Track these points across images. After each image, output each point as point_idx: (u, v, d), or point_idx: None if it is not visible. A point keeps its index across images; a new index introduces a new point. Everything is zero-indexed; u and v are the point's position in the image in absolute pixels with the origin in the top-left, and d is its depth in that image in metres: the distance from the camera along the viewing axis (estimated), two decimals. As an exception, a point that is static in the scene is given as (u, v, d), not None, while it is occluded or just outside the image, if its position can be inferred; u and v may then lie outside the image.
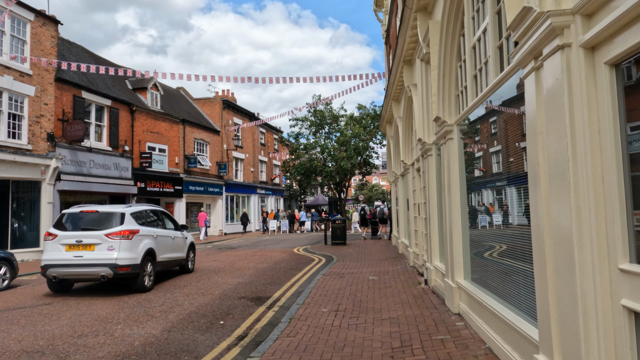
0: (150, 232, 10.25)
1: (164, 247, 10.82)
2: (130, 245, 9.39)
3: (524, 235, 4.06)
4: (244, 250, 19.49)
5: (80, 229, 9.45)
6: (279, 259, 15.56)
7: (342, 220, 19.98)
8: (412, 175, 11.87)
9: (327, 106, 35.60)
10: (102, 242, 9.18)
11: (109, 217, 9.61)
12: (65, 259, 9.11)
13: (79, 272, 9.18)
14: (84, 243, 9.19)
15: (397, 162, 15.88)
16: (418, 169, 10.63)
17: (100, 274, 9.09)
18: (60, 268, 9.11)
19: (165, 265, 11.03)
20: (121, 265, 9.11)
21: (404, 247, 14.34)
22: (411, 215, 11.96)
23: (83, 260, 9.08)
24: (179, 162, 26.77)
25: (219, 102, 32.55)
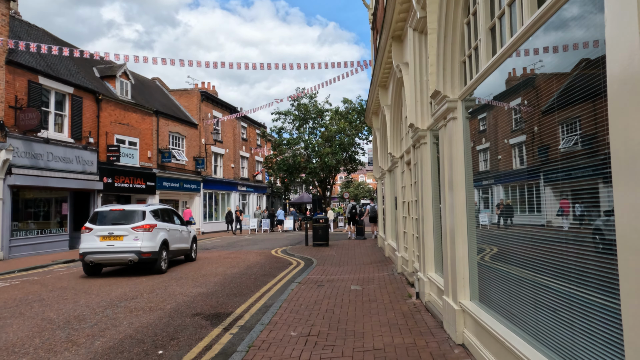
0: (164, 226, 12.51)
1: (174, 239, 13.13)
2: (151, 236, 11.66)
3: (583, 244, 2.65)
4: (217, 251, 17.94)
5: (110, 223, 11.63)
6: (253, 262, 14.06)
7: (325, 220, 18.55)
8: (400, 169, 10.48)
9: (311, 100, 34.12)
10: (129, 234, 11.41)
11: (133, 214, 11.85)
12: (100, 247, 11.29)
13: (111, 257, 11.38)
14: (115, 234, 11.41)
15: (384, 156, 14.51)
16: (408, 161, 9.24)
17: (128, 259, 11.33)
18: (96, 254, 11.29)
19: (175, 253, 13.33)
20: (144, 252, 11.38)
21: (391, 250, 12.97)
22: (399, 215, 10.57)
23: (114, 248, 11.29)
24: (152, 156, 25.06)
25: (197, 94, 30.83)
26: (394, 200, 11.65)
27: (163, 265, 12.05)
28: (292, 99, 27.82)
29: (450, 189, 5.10)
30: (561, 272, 2.90)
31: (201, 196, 30.22)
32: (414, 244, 8.53)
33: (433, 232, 6.79)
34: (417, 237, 7.95)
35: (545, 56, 3.10)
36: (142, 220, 11.71)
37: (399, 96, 10.14)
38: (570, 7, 2.66)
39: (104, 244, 11.33)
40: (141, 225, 11.55)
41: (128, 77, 23.89)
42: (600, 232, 2.47)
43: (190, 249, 14.58)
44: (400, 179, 10.50)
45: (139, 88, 27.00)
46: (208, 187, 31.30)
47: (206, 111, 31.74)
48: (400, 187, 10.48)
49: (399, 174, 10.57)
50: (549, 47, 3.04)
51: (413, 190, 8.66)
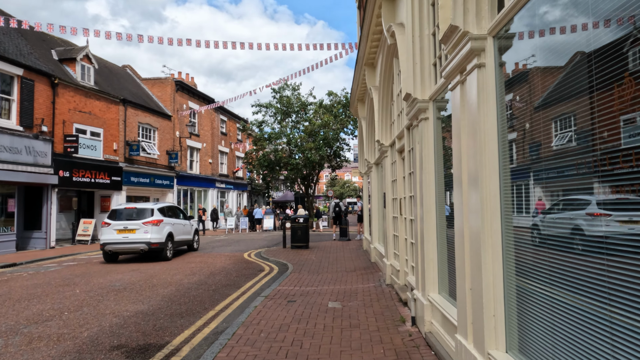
0: (169, 221, 14.47)
1: (178, 231, 15.12)
2: (158, 229, 13.66)
3: None
4: (183, 255, 16.00)
5: (125, 219, 13.69)
6: (219, 268, 12.19)
7: (304, 219, 16.74)
8: (390, 159, 8.72)
9: (294, 92, 32.22)
10: (140, 228, 13.43)
11: (144, 211, 13.96)
12: (117, 239, 13.38)
13: (126, 247, 13.48)
14: (129, 228, 13.44)
15: (371, 147, 12.75)
16: (401, 148, 7.48)
17: (140, 248, 13.41)
18: (114, 245, 13.42)
19: (179, 244, 15.36)
20: (153, 243, 13.40)
21: (378, 255, 11.22)
22: (388, 214, 8.81)
23: (128, 239, 13.33)
24: (119, 148, 22.95)
25: (171, 84, 28.72)
26: (383, 197, 9.88)
27: (169, 254, 14.15)
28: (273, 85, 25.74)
29: (474, 182, 3.33)
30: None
31: (175, 193, 28.16)
32: (408, 251, 6.78)
33: (437, 238, 5.03)
34: (413, 242, 6.20)
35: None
36: (151, 216, 13.82)
37: (389, 71, 8.37)
38: None
39: (120, 236, 13.48)
40: (150, 221, 13.65)
41: (91, 60, 21.73)
42: None
43: (192, 240, 16.91)
44: (389, 171, 8.74)
45: (105, 74, 24.84)
46: (183, 184, 29.24)
47: (181, 102, 29.66)
48: (390, 181, 8.72)
49: (388, 166, 8.81)
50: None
51: (407, 184, 6.90)
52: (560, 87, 2.50)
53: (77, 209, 21.70)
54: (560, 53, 2.48)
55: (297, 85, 32.32)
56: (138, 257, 14.71)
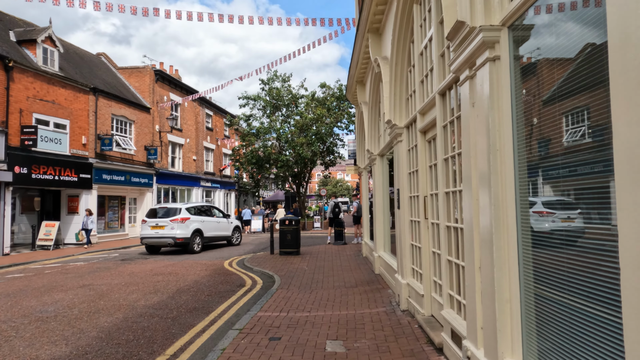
0: (198, 219, 16.38)
1: (210, 228, 16.97)
2: (184, 226, 15.72)
3: None
4: (154, 262, 13.77)
5: (157, 217, 16.07)
6: (190, 282, 10.00)
7: (294, 221, 14.58)
8: (407, 144, 6.60)
9: (284, 84, 30.02)
10: (167, 225, 15.68)
11: (173, 210, 16.20)
12: (151, 234, 15.83)
13: (157, 241, 15.84)
14: (159, 225, 15.76)
15: (374, 136, 10.63)
16: (427, 127, 5.38)
17: (167, 242, 15.69)
18: (148, 239, 15.96)
19: (211, 239, 17.21)
20: (178, 238, 15.57)
21: (385, 267, 9.10)
22: (403, 217, 6.68)
23: (159, 234, 15.67)
24: (88, 143, 20.61)
25: (150, 73, 26.39)
26: (396, 194, 7.74)
27: (196, 247, 16.00)
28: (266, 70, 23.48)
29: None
30: None
31: (154, 192, 25.85)
32: (444, 271, 4.66)
33: (519, 265, 2.91)
34: (462, 265, 4.09)
35: None
36: (178, 214, 15.79)
37: (407, 25, 6.24)
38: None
39: (153, 231, 15.64)
40: (176, 218, 15.64)
41: (55, 43, 19.37)
42: None
43: (231, 236, 18.70)
44: (405, 160, 6.62)
45: (75, 61, 22.48)
46: (163, 182, 26.92)
47: (162, 94, 27.33)
48: (406, 173, 6.60)
49: (402, 154, 6.68)
50: None
51: (439, 175, 4.79)
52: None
53: (40, 210, 19.35)
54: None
55: (287, 76, 30.16)
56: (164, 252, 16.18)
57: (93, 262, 13.99)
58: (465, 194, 3.64)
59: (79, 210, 20.28)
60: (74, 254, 16.48)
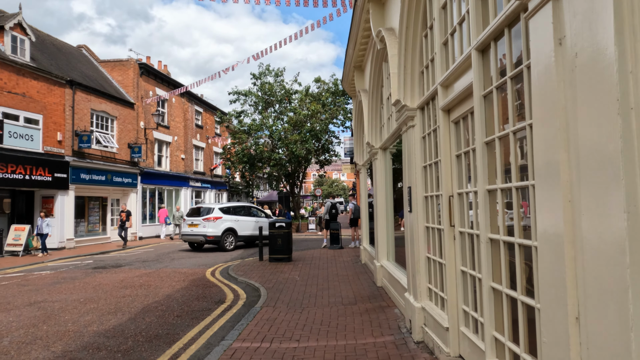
0: (231, 218, 17.27)
1: (245, 227, 17.69)
2: (214, 225, 16.66)
3: None
4: (129, 270, 12.30)
5: (193, 215, 17.25)
6: (161, 297, 8.55)
7: (286, 225, 13.16)
8: (421, 130, 5.19)
9: (277, 78, 28.57)
10: (200, 223, 16.70)
11: (206, 210, 17.25)
12: (188, 231, 16.98)
13: (192, 238, 16.88)
14: (194, 223, 16.84)
15: (376, 126, 9.21)
16: (450, 105, 4.00)
17: (199, 239, 16.66)
18: (186, 236, 17.12)
19: (248, 238, 17.88)
20: (209, 235, 16.51)
21: (390, 281, 7.67)
22: (417, 223, 5.27)
23: (193, 232, 16.73)
24: (64, 139, 19.09)
25: (134, 66, 24.85)
26: (405, 194, 6.33)
27: (228, 246, 16.78)
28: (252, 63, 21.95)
29: None
30: None
31: (139, 193, 24.32)
32: (489, 307, 3.24)
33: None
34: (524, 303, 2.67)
35: None
36: (210, 214, 16.71)
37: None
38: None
39: (189, 229, 16.80)
40: (208, 217, 16.57)
41: (26, 32, 17.84)
42: None
43: None
44: (419, 150, 5.21)
45: (51, 52, 20.95)
46: (149, 182, 25.40)
47: (147, 88, 25.81)
48: (420, 166, 5.20)
49: (416, 142, 5.27)
50: None
51: (479, 165, 3.38)
52: None
53: (10, 212, 17.83)
54: None
55: (280, 70, 28.72)
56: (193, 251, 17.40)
57: (61, 271, 12.51)
58: (542, 192, 2.23)
59: (54, 212, 18.76)
60: (44, 261, 14.98)
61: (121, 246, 19.27)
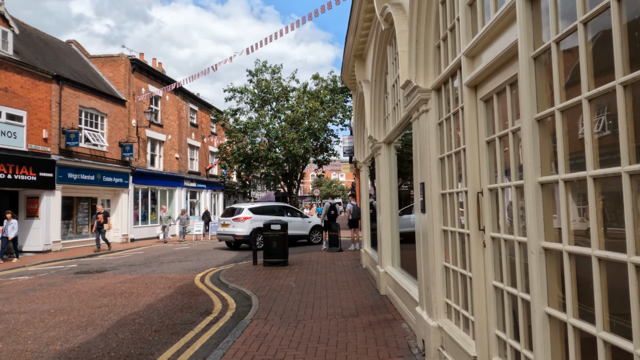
0: (262, 218, 16.73)
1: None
2: (243, 224, 17.20)
3: None
4: (113, 275, 11.45)
5: (227, 216, 18.06)
6: (141, 308, 7.71)
7: (281, 227, 12.33)
8: (438, 115, 4.37)
9: (274, 75, 27.75)
10: (230, 223, 17.39)
11: (237, 210, 17.90)
12: (220, 231, 18.04)
13: (223, 237, 17.79)
14: (225, 223, 17.67)
15: (378, 121, 8.38)
16: (477, 80, 3.14)
17: (229, 239, 17.52)
18: (219, 235, 18.21)
19: None
20: (237, 235, 17.17)
21: (395, 287, 6.83)
22: (432, 226, 4.44)
23: (224, 231, 17.55)
24: (50, 137, 18.23)
25: (125, 62, 23.99)
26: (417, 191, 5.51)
27: (258, 244, 15.60)
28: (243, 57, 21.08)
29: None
30: None
31: (130, 193, 23.45)
32: (542, 339, 2.39)
33: None
34: (621, 348, 1.82)
35: None
36: (240, 214, 17.39)
37: None
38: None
39: (222, 229, 17.82)
40: (238, 217, 17.29)
41: (8, 23, 17.00)
42: None
43: (309, 235, 19.08)
44: (435, 138, 4.40)
45: (37, 46, 20.10)
46: (141, 182, 24.54)
47: (139, 85, 24.96)
48: (435, 158, 4.39)
49: (430, 130, 4.45)
50: None
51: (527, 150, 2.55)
52: None
53: (-8, 213, 16.95)
54: None
55: (277, 67, 27.90)
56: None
57: (40, 277, 11.66)
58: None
59: (39, 213, 17.91)
60: (25, 265, 14.11)
61: (106, 249, 18.54)
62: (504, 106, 3.02)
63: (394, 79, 6.93)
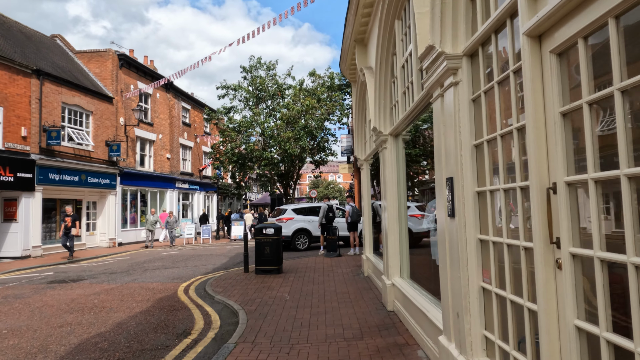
0: (305, 219, 17.47)
1: (317, 228, 16.47)
2: (285, 225, 16.66)
3: None
4: (89, 286, 10.34)
5: (274, 217, 18.16)
6: (109, 327, 6.62)
7: (276, 230, 11.28)
8: (471, 89, 3.32)
9: (269, 72, 26.68)
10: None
11: (282, 211, 17.99)
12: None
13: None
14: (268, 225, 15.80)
15: (383, 111, 7.32)
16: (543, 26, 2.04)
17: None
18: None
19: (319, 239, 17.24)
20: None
21: (405, 303, 5.77)
22: (460, 233, 3.39)
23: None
24: (29, 135, 17.12)
25: (113, 58, 22.87)
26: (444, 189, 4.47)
27: (300, 246, 17.24)
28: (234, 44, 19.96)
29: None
30: None
31: (118, 195, 22.32)
32: None
33: None
34: None
35: None
36: (283, 214, 17.63)
37: None
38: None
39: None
40: (281, 218, 17.35)
41: (-17, 13, 15.89)
42: None
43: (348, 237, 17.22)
44: (467, 119, 3.34)
45: (17, 39, 18.99)
46: (129, 183, 23.41)
47: (127, 82, 23.85)
48: (469, 145, 3.34)
49: (461, 109, 3.41)
50: None
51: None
52: None
53: (-35, 217, 15.82)
54: None
55: (272, 64, 26.84)
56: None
57: (8, 287, 10.55)
58: None
59: (17, 216, 16.78)
60: (-3, 273, 13.00)
61: (71, 257, 15.91)
62: (595, 61, 1.98)
63: (404, 59, 5.89)
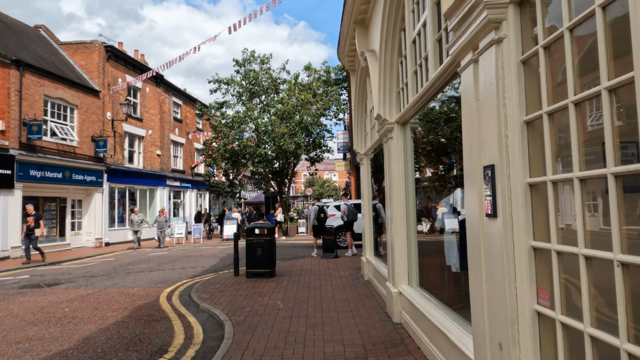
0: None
1: (359, 225, 15.02)
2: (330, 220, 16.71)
3: None
4: (63, 291, 9.45)
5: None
6: (74, 344, 5.74)
7: (268, 230, 10.43)
8: (520, 48, 2.48)
9: (263, 65, 25.79)
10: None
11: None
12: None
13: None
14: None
15: (389, 97, 6.48)
16: None
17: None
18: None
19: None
20: None
21: (416, 316, 4.94)
22: (509, 240, 2.56)
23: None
24: (8, 130, 16.15)
25: (99, 50, 21.89)
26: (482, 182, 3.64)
27: (341, 243, 16.80)
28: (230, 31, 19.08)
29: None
30: None
31: (105, 192, 21.37)
32: None
33: None
34: None
35: None
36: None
37: None
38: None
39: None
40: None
41: (-43, -1, 14.92)
42: None
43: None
44: (515, 86, 2.51)
45: (-4, 29, 17.99)
46: (117, 180, 22.46)
47: (115, 75, 22.87)
48: (518, 122, 2.48)
49: (506, 74, 2.59)
50: None
51: None
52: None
53: (-62, 216, 14.85)
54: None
55: (266, 57, 25.95)
56: None
57: (-24, 292, 9.64)
58: None
59: (-5, 215, 15.82)
60: (-31, 276, 12.07)
61: (40, 260, 14.99)
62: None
63: (415, 32, 5.06)
